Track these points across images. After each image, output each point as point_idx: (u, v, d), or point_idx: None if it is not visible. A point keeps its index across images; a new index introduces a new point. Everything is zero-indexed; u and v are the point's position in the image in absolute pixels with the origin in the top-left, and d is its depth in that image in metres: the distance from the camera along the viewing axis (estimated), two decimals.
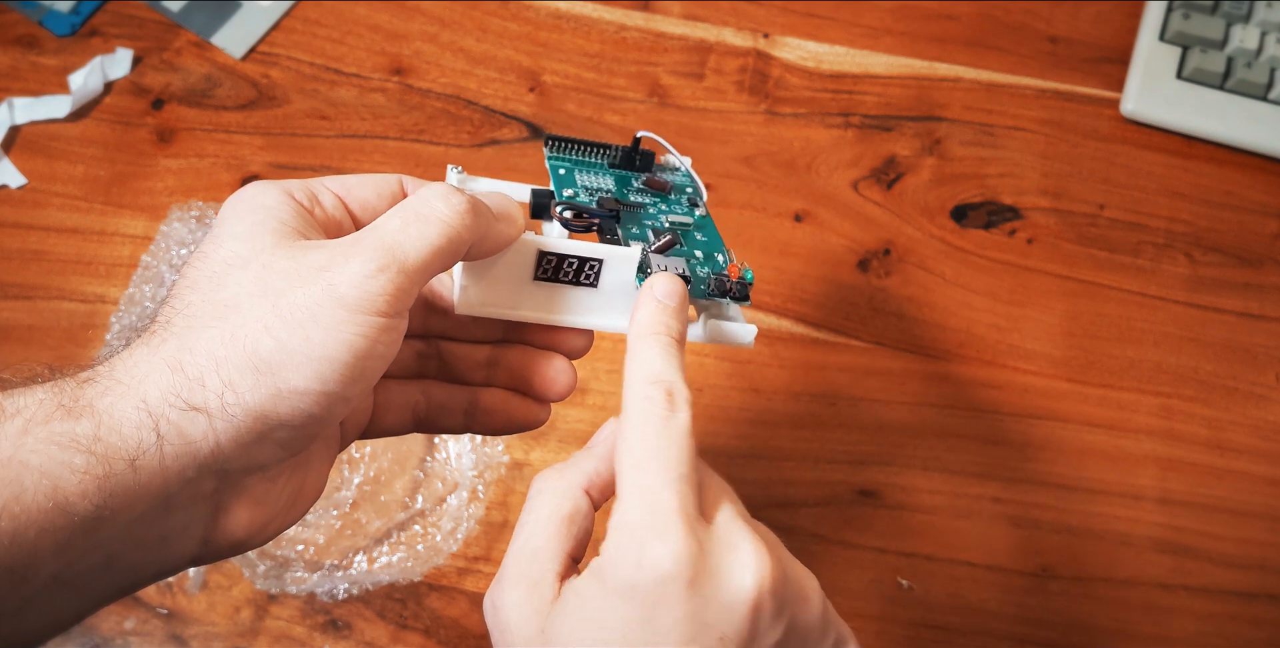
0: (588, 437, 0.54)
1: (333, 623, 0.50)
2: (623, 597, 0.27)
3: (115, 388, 0.27)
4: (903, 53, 0.65)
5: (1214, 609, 0.52)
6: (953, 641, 0.51)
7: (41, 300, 0.56)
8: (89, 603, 0.28)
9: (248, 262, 0.29)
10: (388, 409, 0.36)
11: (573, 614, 0.28)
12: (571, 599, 0.28)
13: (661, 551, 0.27)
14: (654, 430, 0.29)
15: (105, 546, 0.26)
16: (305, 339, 0.27)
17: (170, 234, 0.57)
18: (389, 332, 0.29)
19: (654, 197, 0.39)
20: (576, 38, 0.64)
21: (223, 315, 0.28)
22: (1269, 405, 0.57)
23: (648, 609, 0.27)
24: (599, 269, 0.34)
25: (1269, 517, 0.54)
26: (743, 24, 0.65)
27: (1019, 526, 0.53)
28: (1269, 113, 0.62)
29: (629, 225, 0.37)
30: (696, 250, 0.37)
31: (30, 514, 0.25)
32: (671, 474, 0.28)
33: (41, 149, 0.60)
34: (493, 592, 0.30)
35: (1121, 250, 0.60)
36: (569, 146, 0.38)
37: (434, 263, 0.29)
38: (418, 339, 0.37)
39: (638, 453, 0.29)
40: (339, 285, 0.28)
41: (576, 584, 0.28)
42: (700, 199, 0.39)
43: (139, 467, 0.26)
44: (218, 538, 0.30)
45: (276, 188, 0.31)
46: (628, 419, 0.30)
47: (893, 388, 0.56)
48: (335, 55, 0.63)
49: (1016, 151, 0.63)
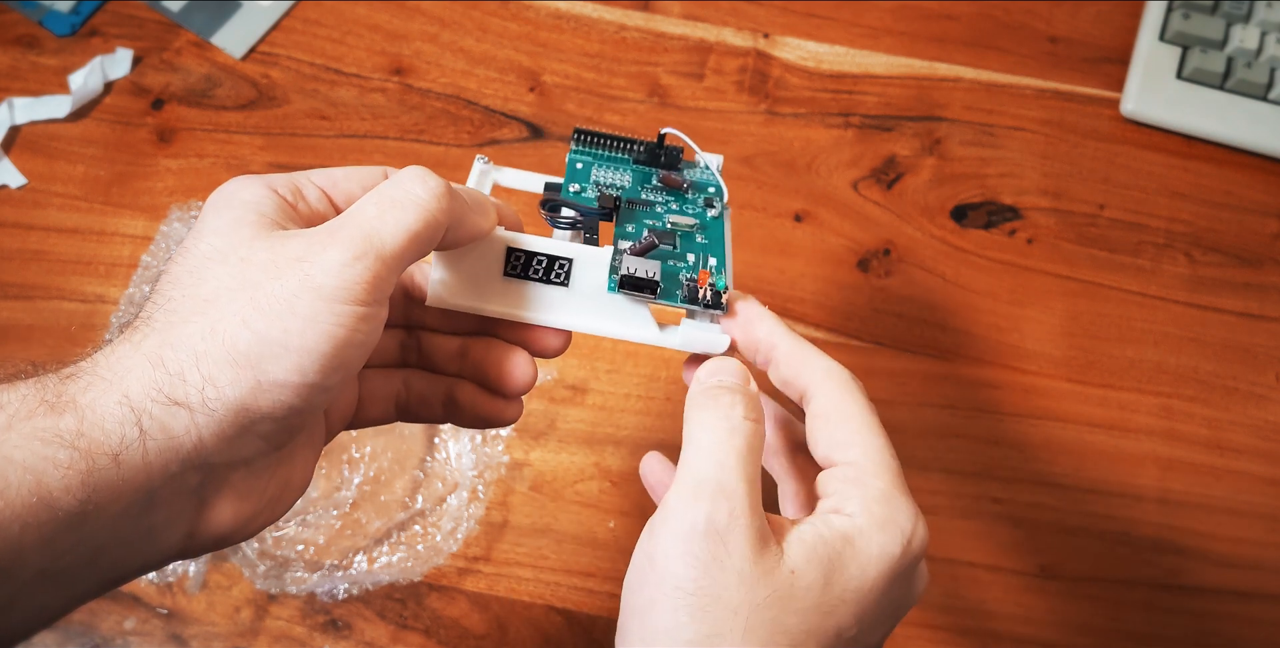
0: (588, 437, 0.54)
1: (333, 623, 0.50)
2: (881, 565, 0.29)
3: (98, 383, 0.27)
4: (903, 53, 0.65)
5: (1213, 609, 0.52)
6: (953, 641, 0.51)
7: (41, 300, 0.56)
8: (74, 598, 0.28)
9: (226, 255, 0.29)
10: (372, 399, 0.36)
11: (817, 570, 0.28)
12: (815, 550, 0.28)
13: (923, 532, 0.29)
14: (861, 399, 0.32)
15: (90, 540, 0.26)
16: (284, 331, 0.27)
17: (170, 234, 0.57)
18: (368, 320, 0.29)
19: (669, 194, 0.38)
20: (576, 38, 0.64)
21: (202, 310, 0.28)
22: (1269, 405, 0.57)
23: (900, 584, 0.29)
24: (569, 268, 0.34)
25: (1268, 517, 0.54)
26: (743, 24, 0.65)
27: (1019, 525, 0.53)
28: (1269, 113, 0.62)
29: (625, 223, 0.36)
30: (690, 253, 0.36)
31: (14, 509, 0.25)
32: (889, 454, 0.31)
33: (41, 149, 0.60)
34: (698, 501, 0.28)
35: (1121, 250, 0.60)
36: (595, 140, 0.38)
37: (411, 249, 0.29)
38: (400, 329, 0.37)
39: (859, 405, 0.32)
40: (316, 275, 0.28)
41: (818, 534, 0.29)
42: (719, 200, 0.38)
43: (122, 462, 0.26)
44: (202, 532, 0.30)
45: (259, 182, 0.31)
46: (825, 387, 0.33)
47: (893, 388, 0.56)
48: (335, 55, 0.63)
49: (1016, 151, 0.63)
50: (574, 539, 0.52)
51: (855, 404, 0.31)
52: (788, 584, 0.28)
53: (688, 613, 0.27)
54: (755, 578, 0.27)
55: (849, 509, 0.29)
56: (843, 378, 0.32)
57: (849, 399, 0.31)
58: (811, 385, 0.32)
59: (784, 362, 0.33)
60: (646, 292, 0.33)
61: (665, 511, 0.29)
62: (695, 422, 0.31)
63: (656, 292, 0.33)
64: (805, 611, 0.27)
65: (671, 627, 0.27)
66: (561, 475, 0.53)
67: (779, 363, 0.33)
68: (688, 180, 0.39)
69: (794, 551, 0.28)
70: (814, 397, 0.32)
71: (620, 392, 0.55)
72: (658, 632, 0.27)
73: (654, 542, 0.28)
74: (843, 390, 0.31)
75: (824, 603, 0.28)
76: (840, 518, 0.29)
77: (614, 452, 0.54)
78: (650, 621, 0.27)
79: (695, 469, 0.29)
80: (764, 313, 0.34)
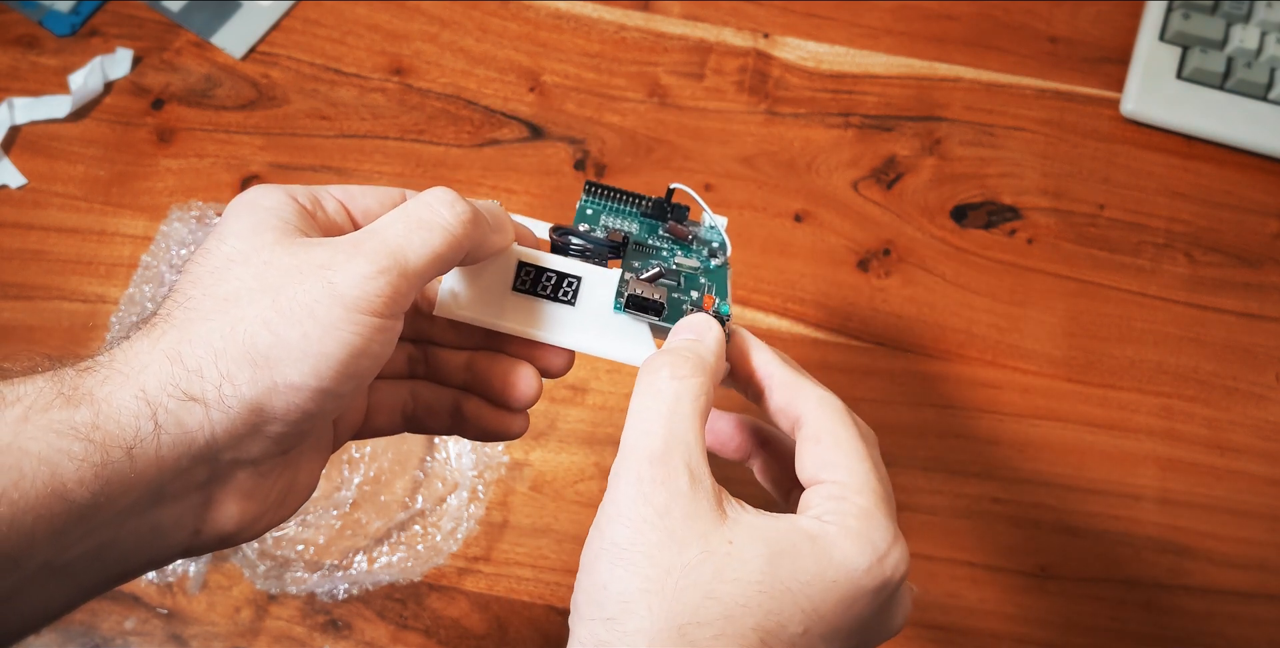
0: (588, 437, 0.54)
1: (333, 623, 0.50)
2: (842, 572, 0.28)
3: (114, 377, 0.27)
4: (903, 53, 0.65)
5: (1214, 609, 0.52)
6: (953, 641, 0.51)
7: (41, 300, 0.56)
8: (79, 592, 0.28)
9: (249, 257, 0.29)
10: (379, 409, 0.36)
11: (761, 548, 0.28)
12: (764, 533, 0.28)
13: (900, 556, 0.29)
14: (852, 427, 0.31)
15: (98, 533, 0.27)
16: (303, 335, 0.28)
17: (170, 234, 0.57)
18: (384, 332, 0.29)
19: (674, 244, 0.38)
20: (576, 38, 0.64)
21: (223, 309, 0.28)
22: (1269, 405, 0.57)
23: (869, 603, 0.29)
24: (577, 287, 0.34)
25: (1269, 517, 0.54)
26: (743, 24, 0.65)
27: (1019, 526, 0.53)
28: (1269, 113, 0.62)
29: (633, 260, 0.36)
30: (693, 290, 0.36)
31: (28, 501, 0.25)
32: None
33: (41, 149, 0.60)
34: (633, 471, 0.29)
35: (1121, 250, 0.60)
36: (605, 193, 0.39)
37: (433, 268, 0.30)
38: (409, 342, 0.37)
39: (850, 432, 0.31)
40: (339, 284, 0.28)
41: (774, 524, 0.29)
42: (723, 254, 0.39)
43: (135, 455, 0.26)
44: (207, 530, 0.30)
45: (280, 190, 0.31)
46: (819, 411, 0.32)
47: (893, 388, 0.56)
48: (335, 55, 0.63)
49: (1016, 151, 0.63)
50: (574, 539, 0.52)
51: (846, 430, 0.31)
52: (722, 552, 0.28)
53: (624, 568, 0.27)
54: (685, 539, 0.28)
55: (823, 517, 0.29)
56: (835, 406, 0.32)
57: (840, 425, 0.31)
58: (805, 413, 0.32)
59: (778, 390, 0.33)
60: (651, 312, 0.33)
61: (610, 481, 0.30)
62: (637, 387, 0.31)
63: (661, 313, 0.34)
64: (743, 584, 0.27)
65: (608, 581, 0.28)
66: (562, 476, 0.53)
67: (773, 390, 0.33)
68: (693, 233, 0.39)
69: (738, 526, 0.28)
70: (806, 422, 0.32)
71: (620, 392, 0.55)
72: (596, 586, 0.28)
73: (601, 511, 0.29)
74: (834, 417, 0.31)
75: (766, 586, 0.27)
76: (808, 519, 0.29)
77: (614, 452, 0.54)
78: (593, 575, 0.28)
79: (627, 435, 0.30)
80: (759, 344, 0.34)
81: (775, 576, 0.28)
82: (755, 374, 0.33)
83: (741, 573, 0.27)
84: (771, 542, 0.28)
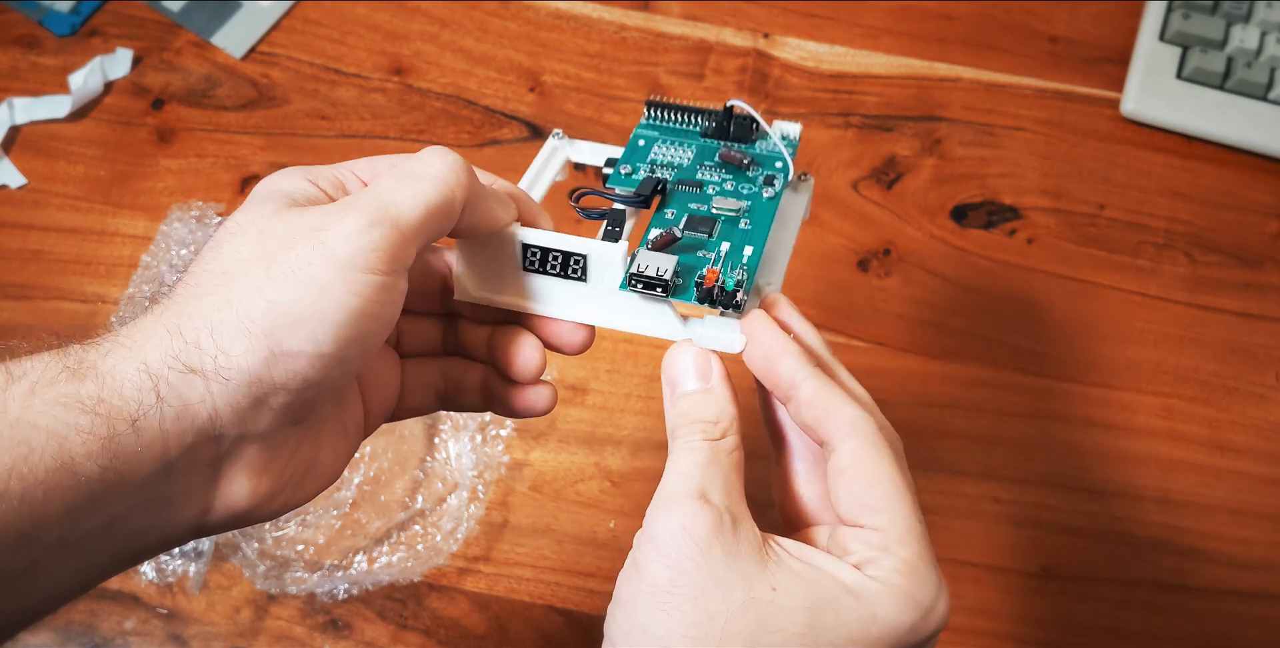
0: (588, 437, 0.54)
1: (333, 623, 0.50)
2: (886, 630, 0.28)
3: (117, 350, 0.27)
4: (903, 53, 0.65)
5: (1214, 609, 0.52)
6: (953, 640, 0.51)
7: (41, 300, 0.56)
8: (93, 570, 0.28)
9: (246, 229, 0.29)
10: (413, 389, 0.36)
11: (805, 598, 0.28)
12: (808, 584, 0.28)
13: (944, 608, 0.29)
14: (888, 457, 0.31)
15: (109, 508, 0.27)
16: (297, 299, 0.27)
17: (170, 234, 0.57)
18: (384, 291, 0.28)
19: (726, 173, 0.37)
20: (576, 38, 0.64)
21: (221, 282, 0.28)
22: (1269, 405, 0.57)
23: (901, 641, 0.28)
24: (584, 264, 0.34)
25: (1269, 517, 0.54)
26: (743, 24, 0.65)
27: (1019, 525, 0.53)
28: (1269, 113, 0.62)
29: (666, 208, 0.36)
30: (725, 241, 0.34)
31: (38, 475, 0.25)
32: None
33: (41, 149, 0.60)
34: (674, 508, 0.29)
35: (1121, 250, 0.60)
36: (665, 112, 0.38)
37: (428, 222, 0.29)
38: (440, 317, 0.37)
39: (888, 468, 0.30)
40: (331, 242, 0.28)
41: (817, 575, 0.28)
42: (782, 178, 0.37)
43: (140, 428, 0.26)
44: (219, 507, 0.30)
45: (299, 172, 0.31)
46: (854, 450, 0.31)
47: (893, 388, 0.56)
48: (335, 55, 0.63)
49: (1016, 151, 0.63)
50: (574, 539, 0.52)
51: (882, 462, 0.30)
52: (767, 599, 0.27)
53: (666, 612, 0.27)
54: (730, 583, 0.27)
55: (866, 569, 0.29)
56: (868, 432, 0.30)
57: (876, 457, 0.30)
58: (835, 438, 0.30)
59: (805, 405, 0.31)
60: (657, 290, 0.33)
61: (647, 519, 0.29)
62: (671, 445, 0.31)
63: (668, 290, 0.33)
64: (786, 636, 0.27)
65: (649, 624, 0.27)
66: (562, 476, 0.53)
67: (800, 405, 0.32)
68: (748, 157, 0.37)
69: (781, 571, 0.28)
70: (837, 450, 0.30)
71: (620, 392, 0.55)
72: (637, 629, 0.28)
73: (639, 549, 0.29)
74: (869, 447, 0.30)
75: (809, 640, 0.27)
76: (850, 572, 0.29)
77: (614, 452, 0.54)
78: (633, 616, 0.28)
79: (667, 480, 0.30)
80: (788, 347, 0.32)
81: (819, 629, 0.27)
82: (780, 380, 0.32)
83: (785, 624, 0.27)
84: (815, 594, 0.28)
